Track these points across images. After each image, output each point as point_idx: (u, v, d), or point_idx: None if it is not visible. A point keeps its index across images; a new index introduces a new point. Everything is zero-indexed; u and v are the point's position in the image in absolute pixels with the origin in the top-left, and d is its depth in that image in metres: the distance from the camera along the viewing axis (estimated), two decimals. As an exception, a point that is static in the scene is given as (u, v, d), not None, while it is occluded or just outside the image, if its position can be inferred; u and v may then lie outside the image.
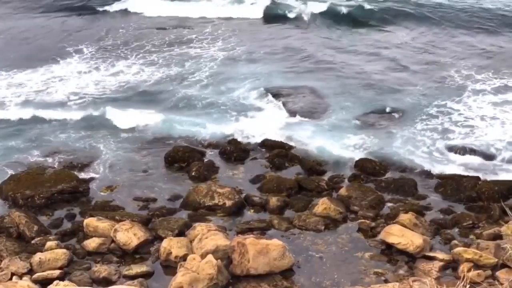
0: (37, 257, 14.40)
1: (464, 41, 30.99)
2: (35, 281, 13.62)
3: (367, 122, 22.39)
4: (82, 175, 18.87)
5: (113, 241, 15.33)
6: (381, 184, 18.25)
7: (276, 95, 24.45)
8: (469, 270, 13.14)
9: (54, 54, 29.40)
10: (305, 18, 35.52)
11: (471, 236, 15.57)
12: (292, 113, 23.05)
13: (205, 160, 19.74)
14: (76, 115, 23.14)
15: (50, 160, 19.90)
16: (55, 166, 19.42)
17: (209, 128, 21.79)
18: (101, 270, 14.18)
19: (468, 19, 33.72)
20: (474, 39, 31.20)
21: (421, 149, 20.31)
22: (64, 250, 14.76)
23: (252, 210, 17.19)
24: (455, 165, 19.35)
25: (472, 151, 20.06)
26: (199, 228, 15.19)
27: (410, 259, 14.54)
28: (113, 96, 24.91)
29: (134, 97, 24.82)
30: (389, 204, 17.30)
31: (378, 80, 26.20)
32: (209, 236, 14.55)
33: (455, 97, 24.20)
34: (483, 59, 28.24)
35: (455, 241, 15.20)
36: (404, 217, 15.71)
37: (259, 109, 23.51)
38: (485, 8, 34.81)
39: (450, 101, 23.81)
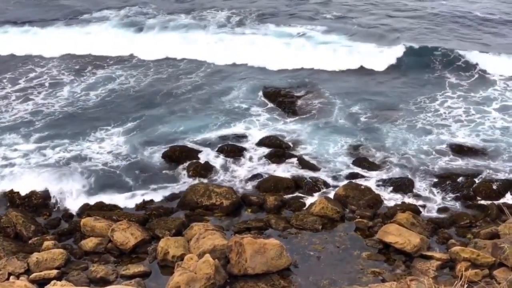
0: (34, 257, 14.36)
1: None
2: (33, 281, 13.57)
3: (364, 121, 22.42)
4: (80, 174, 18.81)
5: (110, 241, 15.31)
6: (378, 183, 18.26)
7: (273, 95, 24.54)
8: (466, 269, 13.11)
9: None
10: None
11: (469, 235, 15.61)
12: (289, 112, 23.08)
13: (202, 159, 19.71)
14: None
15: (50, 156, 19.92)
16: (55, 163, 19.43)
17: (206, 128, 21.82)
18: (99, 270, 14.16)
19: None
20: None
21: (418, 148, 20.35)
22: (61, 250, 14.73)
23: (249, 210, 17.19)
24: (452, 164, 19.37)
25: (471, 150, 20.12)
26: (197, 227, 15.19)
27: (408, 259, 14.56)
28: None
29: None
30: (386, 204, 17.31)
31: (373, 75, 26.42)
32: (206, 235, 14.54)
33: (450, 91, 24.44)
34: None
35: (452, 240, 15.22)
36: (402, 216, 15.72)
37: (256, 108, 23.53)
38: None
39: (446, 96, 24.09)
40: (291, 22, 34.02)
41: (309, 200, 17.43)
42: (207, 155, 20.02)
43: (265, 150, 20.24)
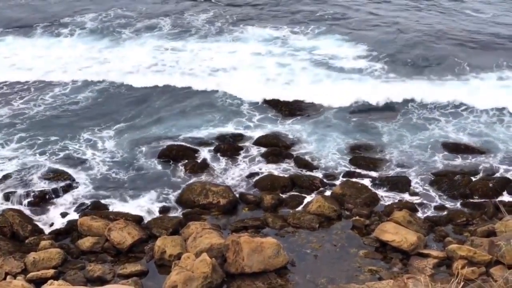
0: (31, 256, 14.36)
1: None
2: (29, 281, 13.56)
3: (360, 119, 22.44)
4: (76, 173, 18.80)
5: (107, 240, 15.29)
6: (375, 181, 18.27)
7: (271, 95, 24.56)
8: (463, 267, 13.16)
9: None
10: None
11: (465, 233, 15.62)
12: (286, 112, 23.08)
13: (199, 158, 19.71)
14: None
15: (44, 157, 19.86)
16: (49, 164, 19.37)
17: (202, 127, 21.82)
18: (95, 269, 14.15)
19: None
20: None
21: (414, 146, 20.38)
22: (58, 250, 14.72)
23: (246, 208, 17.18)
24: (448, 162, 19.41)
25: (468, 148, 20.17)
26: (194, 226, 15.19)
27: (404, 257, 14.59)
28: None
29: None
30: (383, 202, 17.33)
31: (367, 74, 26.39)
32: (203, 234, 14.55)
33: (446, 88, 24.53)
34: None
35: (449, 238, 15.25)
36: (398, 214, 15.74)
37: (253, 107, 23.53)
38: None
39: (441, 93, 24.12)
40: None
41: (306, 199, 17.44)
42: (204, 154, 20.01)
43: (262, 149, 20.24)
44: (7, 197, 17.52)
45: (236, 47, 29.88)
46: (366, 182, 18.21)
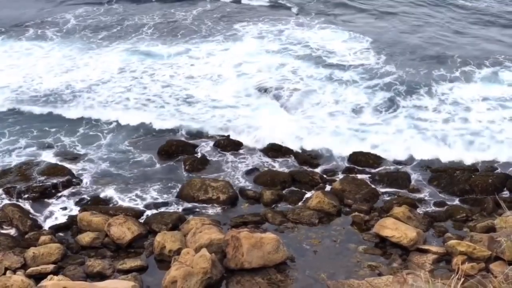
0: (31, 251, 14.36)
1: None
2: (29, 276, 13.55)
3: (359, 114, 22.38)
4: (76, 169, 18.80)
5: (107, 235, 15.29)
6: (375, 177, 18.27)
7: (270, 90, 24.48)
8: (463, 263, 13.16)
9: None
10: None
11: (465, 229, 15.63)
12: (286, 107, 23.04)
13: (199, 154, 19.71)
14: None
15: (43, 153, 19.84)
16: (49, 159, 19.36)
17: (202, 122, 21.78)
18: (95, 264, 14.15)
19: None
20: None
21: (414, 141, 20.35)
22: (58, 245, 14.72)
23: (246, 204, 17.18)
24: (448, 158, 19.40)
25: (467, 144, 20.14)
26: (193, 222, 15.20)
27: (404, 252, 14.58)
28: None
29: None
30: (383, 197, 17.33)
31: (366, 70, 26.35)
32: (203, 230, 14.54)
33: (446, 83, 24.56)
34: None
35: (448, 234, 15.25)
36: (398, 210, 15.74)
37: (253, 103, 23.48)
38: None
39: (441, 88, 24.12)
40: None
41: (306, 194, 17.45)
42: (203, 150, 20.00)
43: (262, 144, 20.23)
44: (7, 192, 17.51)
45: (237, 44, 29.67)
46: (366, 177, 18.22)
